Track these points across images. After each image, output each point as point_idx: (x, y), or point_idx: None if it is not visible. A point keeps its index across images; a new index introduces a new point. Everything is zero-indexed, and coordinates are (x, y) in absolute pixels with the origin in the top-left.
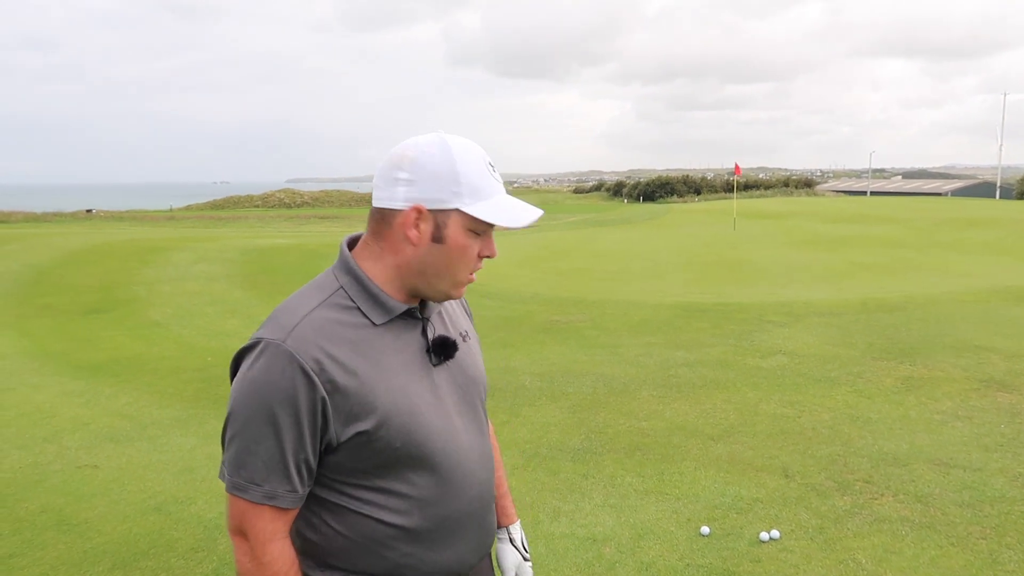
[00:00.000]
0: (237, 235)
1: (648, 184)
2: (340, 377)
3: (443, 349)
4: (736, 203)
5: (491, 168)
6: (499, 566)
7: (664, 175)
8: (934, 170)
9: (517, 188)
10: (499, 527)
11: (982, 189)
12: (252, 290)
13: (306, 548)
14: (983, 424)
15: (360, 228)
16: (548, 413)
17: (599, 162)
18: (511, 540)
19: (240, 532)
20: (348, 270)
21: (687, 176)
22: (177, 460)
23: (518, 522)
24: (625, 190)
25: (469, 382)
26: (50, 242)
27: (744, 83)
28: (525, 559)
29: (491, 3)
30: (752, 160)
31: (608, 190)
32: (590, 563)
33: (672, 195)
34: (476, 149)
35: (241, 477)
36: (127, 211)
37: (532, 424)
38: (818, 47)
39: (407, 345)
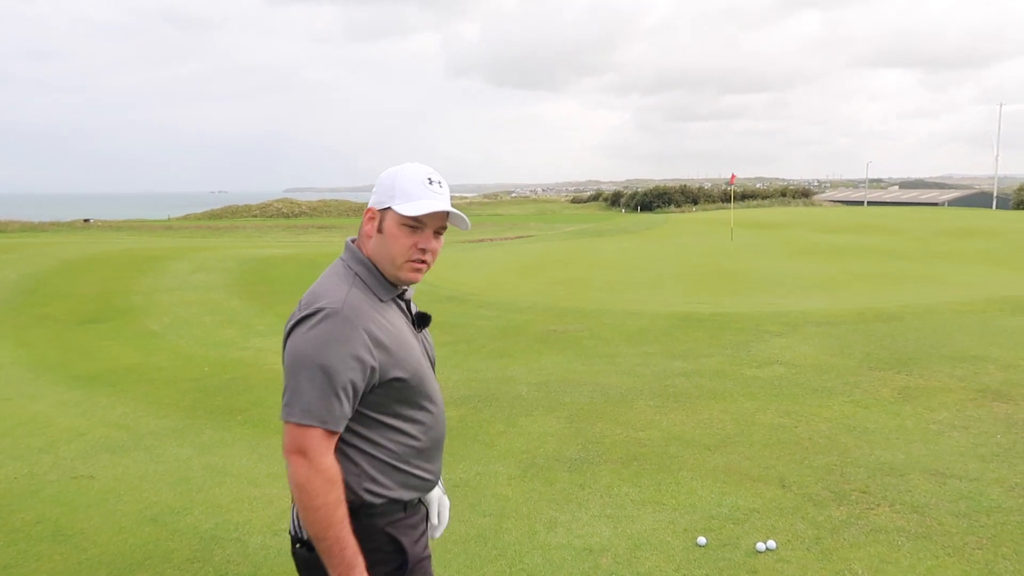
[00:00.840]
0: (235, 245)
1: (646, 194)
2: (381, 336)
3: (423, 321)
4: (733, 213)
5: (430, 183)
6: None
7: (662, 185)
8: (931, 180)
9: (515, 198)
10: None
11: (979, 199)
12: (251, 300)
13: (349, 482)
14: (979, 434)
15: None
16: (545, 423)
17: (597, 172)
18: (439, 490)
19: (299, 451)
20: (359, 260)
21: (684, 186)
22: (173, 471)
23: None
24: (623, 200)
25: (429, 346)
26: (47, 252)
27: (742, 93)
28: (443, 492)
29: (490, 14)
30: (750, 170)
31: (606, 200)
32: (586, 574)
33: (670, 205)
34: (420, 169)
35: (308, 407)
36: (124, 220)
37: (529, 434)
38: (816, 58)
39: (402, 317)
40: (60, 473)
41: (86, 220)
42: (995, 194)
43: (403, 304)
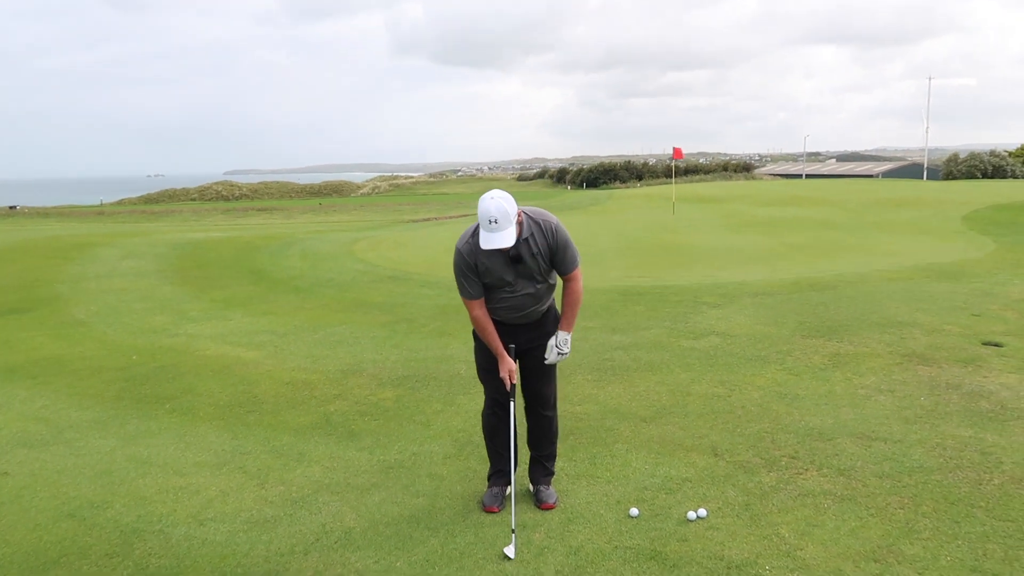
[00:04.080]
0: (169, 229)
1: (591, 170)
2: (477, 263)
3: (515, 260)
4: (675, 188)
5: (490, 223)
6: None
7: (607, 161)
8: (866, 153)
9: (461, 176)
10: (559, 330)
11: (910, 170)
12: (184, 285)
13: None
14: (904, 397)
15: (301, 219)
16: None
17: (543, 149)
18: (555, 336)
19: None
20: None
21: (629, 162)
22: (95, 463)
23: (562, 332)
24: (568, 177)
25: (528, 271)
26: None
27: (684, 71)
28: (556, 348)
29: None
30: (692, 145)
31: (552, 177)
32: (519, 549)
33: (615, 181)
34: (488, 211)
35: (461, 291)
36: (54, 207)
37: (466, 412)
38: (754, 35)
39: (502, 256)
40: None
41: (12, 207)
42: (926, 165)
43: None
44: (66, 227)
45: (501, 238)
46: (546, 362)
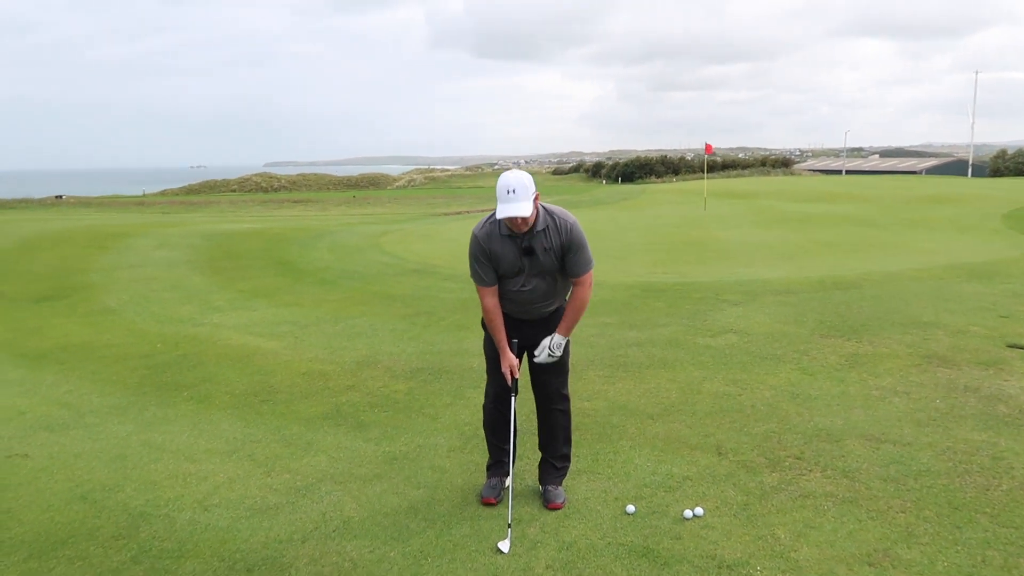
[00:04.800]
0: (204, 220)
1: (627, 165)
2: (491, 249)
3: (527, 251)
4: (707, 183)
5: (507, 193)
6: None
7: (643, 155)
8: (911, 148)
9: (497, 170)
10: (555, 332)
11: (956, 167)
12: (214, 275)
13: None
14: (919, 399)
15: (334, 211)
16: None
17: (580, 143)
18: (551, 336)
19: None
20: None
21: (665, 156)
22: (111, 448)
23: (558, 335)
24: (604, 171)
25: (539, 265)
26: (7, 229)
27: (724, 63)
28: (547, 349)
29: None
30: (732, 140)
31: (587, 171)
32: (513, 543)
33: (651, 175)
34: (506, 181)
35: (474, 277)
36: (96, 197)
37: (475, 405)
38: (796, 27)
39: (515, 246)
40: None
41: (58, 197)
42: (971, 161)
43: (518, 239)
44: (105, 217)
45: (518, 208)
46: (535, 360)
